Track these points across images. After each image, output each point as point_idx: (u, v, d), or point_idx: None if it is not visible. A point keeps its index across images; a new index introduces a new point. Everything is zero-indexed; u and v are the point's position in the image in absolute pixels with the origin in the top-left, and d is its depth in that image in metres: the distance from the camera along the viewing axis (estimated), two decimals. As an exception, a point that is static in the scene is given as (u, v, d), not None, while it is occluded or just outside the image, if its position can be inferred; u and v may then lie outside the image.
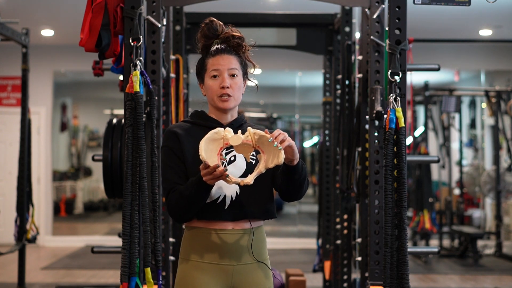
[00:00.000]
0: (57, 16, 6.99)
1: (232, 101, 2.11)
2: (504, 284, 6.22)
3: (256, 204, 2.09)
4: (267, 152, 1.97)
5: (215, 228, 2.07)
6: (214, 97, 2.11)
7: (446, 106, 7.65)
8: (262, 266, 2.11)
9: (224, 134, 1.98)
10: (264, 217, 2.12)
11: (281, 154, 1.94)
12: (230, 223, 2.07)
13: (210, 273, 2.06)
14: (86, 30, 2.63)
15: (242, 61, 2.15)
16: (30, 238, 4.69)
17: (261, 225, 2.15)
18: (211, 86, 2.11)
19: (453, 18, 6.91)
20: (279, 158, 1.94)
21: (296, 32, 4.40)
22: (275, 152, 1.95)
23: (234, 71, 2.11)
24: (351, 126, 3.55)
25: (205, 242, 2.07)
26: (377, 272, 2.81)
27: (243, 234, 2.08)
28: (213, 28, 2.13)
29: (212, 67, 2.11)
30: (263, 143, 1.97)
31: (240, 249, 2.07)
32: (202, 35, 2.15)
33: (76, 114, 10.30)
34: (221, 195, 2.06)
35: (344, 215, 4.08)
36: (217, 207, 2.06)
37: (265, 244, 2.15)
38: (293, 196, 2.11)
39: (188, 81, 4.20)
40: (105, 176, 3.00)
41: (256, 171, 1.97)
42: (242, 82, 2.14)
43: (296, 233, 9.08)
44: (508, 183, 7.87)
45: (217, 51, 2.12)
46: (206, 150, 1.94)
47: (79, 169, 10.38)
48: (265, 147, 1.97)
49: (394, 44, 2.55)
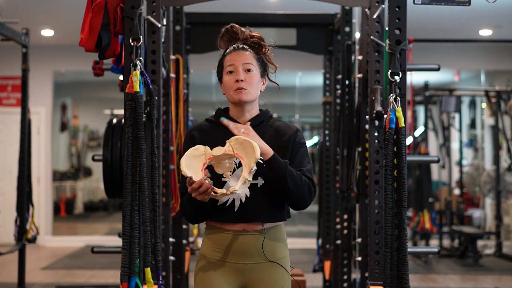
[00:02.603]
0: (57, 16, 6.99)
1: (248, 94, 2.08)
2: (504, 284, 6.22)
3: (265, 207, 2.07)
4: (245, 155, 1.95)
5: (227, 229, 2.09)
6: (230, 92, 2.10)
7: (446, 106, 7.65)
8: (276, 265, 2.10)
9: (204, 150, 1.98)
10: (274, 219, 2.10)
11: (256, 149, 1.93)
12: (241, 225, 2.08)
13: (222, 271, 2.08)
14: (86, 30, 2.63)
15: (260, 58, 2.14)
16: (30, 238, 4.69)
17: (277, 225, 2.13)
18: (227, 81, 2.11)
19: (453, 18, 6.91)
20: (255, 153, 1.93)
21: (296, 32, 4.40)
22: (252, 151, 1.94)
23: (249, 66, 2.10)
24: (351, 126, 3.55)
25: (218, 240, 2.09)
26: (377, 272, 2.81)
27: (254, 235, 2.08)
28: (234, 32, 2.16)
29: (228, 63, 2.11)
30: (240, 147, 1.96)
31: (251, 249, 2.07)
32: (222, 40, 2.18)
33: (76, 114, 10.30)
34: (229, 198, 2.06)
35: (344, 215, 4.08)
36: (226, 210, 2.07)
37: (282, 244, 2.13)
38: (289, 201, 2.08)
39: (188, 81, 4.20)
40: (105, 176, 2.99)
41: (241, 178, 1.95)
42: (258, 78, 2.12)
43: (296, 233, 9.08)
44: (508, 183, 7.87)
45: (234, 49, 2.13)
46: (188, 167, 1.94)
47: (79, 169, 10.38)
48: (243, 152, 1.96)
49: (394, 44, 2.55)
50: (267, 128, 2.14)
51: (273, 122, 2.17)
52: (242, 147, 1.96)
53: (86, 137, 10.50)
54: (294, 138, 2.13)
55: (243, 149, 1.96)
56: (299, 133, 2.15)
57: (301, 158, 2.11)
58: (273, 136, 2.12)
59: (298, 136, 2.14)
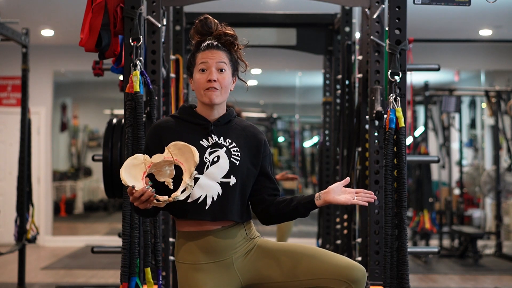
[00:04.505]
0: (57, 16, 6.99)
1: (219, 95, 2.08)
2: (504, 284, 6.22)
3: (236, 205, 2.08)
4: (184, 160, 1.95)
5: (201, 230, 2.07)
6: (201, 91, 2.09)
7: (446, 106, 7.64)
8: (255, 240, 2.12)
9: (144, 158, 1.96)
10: (242, 219, 2.11)
11: (195, 153, 1.93)
12: (211, 224, 2.06)
13: (210, 272, 2.06)
14: (86, 30, 2.63)
15: (233, 58, 2.14)
16: (30, 238, 4.69)
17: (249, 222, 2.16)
18: (198, 79, 2.09)
19: (453, 18, 6.91)
20: (194, 157, 1.92)
21: (296, 32, 4.40)
22: (191, 155, 1.93)
23: (222, 65, 2.09)
24: (351, 126, 3.55)
25: (197, 244, 2.07)
26: (377, 272, 2.81)
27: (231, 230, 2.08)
28: (207, 25, 2.14)
29: (200, 61, 2.10)
30: (179, 153, 1.95)
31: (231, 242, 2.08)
32: (195, 31, 2.16)
33: (76, 114, 10.30)
34: (201, 195, 2.05)
35: (344, 215, 4.08)
36: (197, 207, 2.05)
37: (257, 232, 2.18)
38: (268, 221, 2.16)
39: (188, 81, 4.20)
40: (105, 176, 3.00)
41: (182, 183, 1.93)
42: (230, 78, 2.12)
43: (296, 233, 9.07)
44: (508, 183, 7.87)
45: (207, 46, 2.12)
46: (128, 176, 1.92)
47: (79, 169, 10.38)
48: (182, 157, 1.95)
49: (394, 44, 2.55)
50: (235, 126, 2.15)
51: (240, 121, 2.19)
52: (181, 152, 1.95)
53: (86, 137, 10.50)
54: (264, 147, 2.16)
55: (182, 154, 1.95)
56: (266, 140, 2.19)
57: (271, 168, 2.18)
58: (242, 135, 2.14)
59: (267, 145, 2.19)
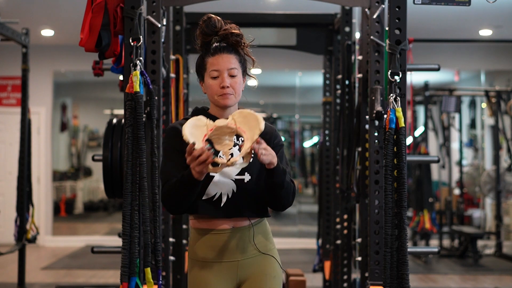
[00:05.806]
0: (57, 16, 6.99)
1: (233, 98, 2.12)
2: (504, 284, 6.22)
3: (251, 202, 2.11)
4: (248, 129, 1.96)
5: (214, 228, 2.11)
6: (215, 96, 2.12)
7: (446, 106, 7.64)
8: (267, 257, 2.14)
9: (206, 122, 1.98)
10: (260, 215, 2.14)
11: (260, 121, 1.93)
12: (227, 221, 2.10)
13: (215, 271, 2.10)
14: (86, 30, 2.63)
15: (241, 58, 2.16)
16: (30, 238, 4.69)
17: (263, 220, 2.17)
18: (211, 85, 2.12)
19: (453, 18, 6.91)
20: (259, 125, 1.93)
21: (296, 32, 4.40)
22: (255, 123, 1.94)
23: (234, 71, 2.11)
24: (351, 126, 3.55)
25: (207, 242, 2.11)
26: (377, 272, 2.81)
27: (245, 231, 2.11)
28: (212, 24, 2.13)
29: (211, 67, 2.11)
30: (243, 121, 1.96)
31: (242, 245, 2.11)
32: (200, 32, 2.15)
33: (76, 114, 10.30)
34: (217, 192, 2.08)
35: (344, 215, 4.08)
36: (213, 204, 2.08)
37: (270, 236, 2.18)
38: (274, 204, 2.11)
39: (188, 81, 4.20)
40: (105, 176, 3.00)
41: (243, 149, 1.94)
42: (241, 79, 2.14)
43: (296, 233, 9.08)
44: (508, 183, 7.87)
45: (216, 50, 2.12)
46: (189, 135, 1.92)
47: (79, 169, 10.37)
48: (246, 125, 1.96)
49: (394, 44, 2.55)
50: None
51: None
52: (246, 120, 1.96)
53: (86, 137, 10.50)
54: (274, 138, 2.16)
55: (246, 123, 1.96)
56: (278, 133, 2.19)
57: (281, 160, 2.15)
58: None
59: (278, 137, 2.18)
